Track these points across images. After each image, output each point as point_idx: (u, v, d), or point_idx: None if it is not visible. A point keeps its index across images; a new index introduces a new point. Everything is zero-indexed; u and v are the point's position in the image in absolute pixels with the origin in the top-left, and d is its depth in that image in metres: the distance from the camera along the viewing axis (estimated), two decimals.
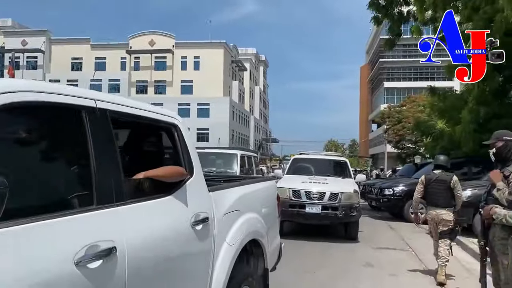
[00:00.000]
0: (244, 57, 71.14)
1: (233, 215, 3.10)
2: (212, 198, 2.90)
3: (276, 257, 4.20)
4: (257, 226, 3.47)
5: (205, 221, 2.69)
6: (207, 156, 11.69)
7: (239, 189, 3.45)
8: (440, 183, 6.19)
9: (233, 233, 3.02)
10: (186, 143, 2.83)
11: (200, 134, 56.82)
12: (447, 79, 20.82)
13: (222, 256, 2.86)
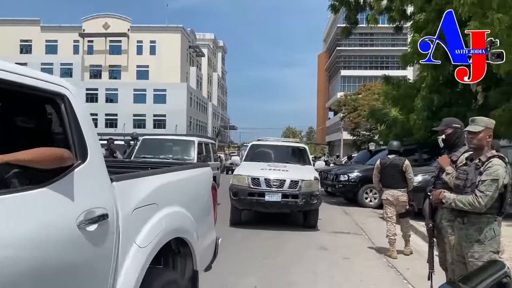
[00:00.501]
0: (202, 43, 70.23)
1: (147, 210, 2.54)
2: (116, 190, 2.30)
3: (211, 255, 3.77)
4: (182, 222, 2.94)
5: (102, 220, 2.10)
6: (164, 143, 11.55)
7: (156, 178, 2.84)
8: (394, 167, 6.93)
9: (146, 232, 2.46)
10: (77, 118, 2.19)
11: (156, 120, 55.92)
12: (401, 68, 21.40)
13: (130, 261, 2.31)
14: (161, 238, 2.59)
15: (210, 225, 3.72)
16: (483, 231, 3.35)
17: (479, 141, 3.41)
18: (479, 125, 3.42)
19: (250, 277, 5.36)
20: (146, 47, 57.79)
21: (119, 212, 2.28)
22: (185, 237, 2.94)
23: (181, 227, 2.92)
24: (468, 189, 3.40)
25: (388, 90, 16.54)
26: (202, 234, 3.29)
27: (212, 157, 12.29)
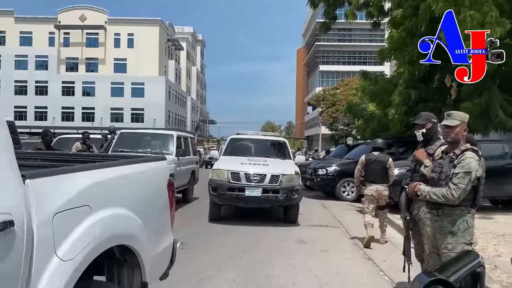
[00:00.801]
0: (180, 36, 69.55)
1: (75, 214, 2.08)
2: (29, 190, 1.87)
3: (167, 261, 3.28)
4: (126, 227, 2.51)
5: (5, 228, 1.69)
6: (142, 137, 11.42)
7: (89, 174, 2.35)
8: (379, 163, 7.33)
9: (72, 241, 2.02)
10: None
11: (134, 114, 55.24)
12: (378, 63, 21.64)
13: (48, 279, 1.87)
14: (95, 247, 2.14)
15: (165, 228, 3.24)
16: (457, 223, 3.43)
17: (455, 135, 3.48)
18: (455, 119, 3.49)
19: (229, 270, 5.37)
20: (123, 40, 56.87)
21: (33, 218, 1.85)
22: (130, 244, 2.49)
23: (124, 232, 2.48)
24: (443, 181, 3.48)
25: (366, 85, 16.70)
26: (154, 239, 2.88)
27: (191, 151, 12.22)
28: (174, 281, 4.87)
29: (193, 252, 6.25)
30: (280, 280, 5.07)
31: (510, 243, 6.62)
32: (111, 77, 55.38)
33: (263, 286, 4.82)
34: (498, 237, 7.11)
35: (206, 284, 4.83)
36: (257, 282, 4.95)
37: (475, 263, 1.31)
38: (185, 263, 5.66)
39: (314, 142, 63.34)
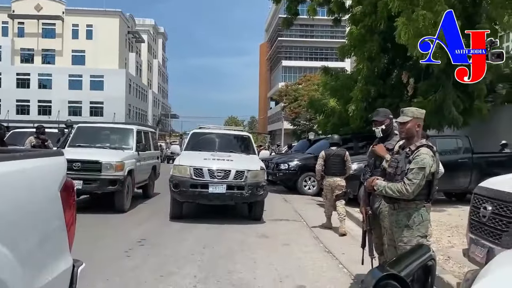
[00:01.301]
0: (141, 28, 68.13)
1: None
2: None
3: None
4: None
5: None
6: (100, 131, 11.10)
7: None
8: (337, 157, 8.07)
9: None
10: None
11: (93, 108, 53.74)
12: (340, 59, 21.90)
13: None
14: None
15: (57, 250, 2.44)
16: (412, 217, 3.54)
17: (407, 130, 3.59)
18: (407, 116, 3.60)
19: (190, 266, 5.33)
20: (82, 31, 55.08)
21: None
22: None
23: None
24: (398, 176, 3.57)
25: (327, 81, 16.94)
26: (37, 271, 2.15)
27: (152, 146, 12.02)
28: (133, 279, 4.81)
29: (153, 249, 6.16)
30: (241, 274, 5.07)
31: (462, 235, 6.87)
32: (69, 69, 53.54)
33: (224, 281, 4.80)
34: (452, 228, 7.39)
35: (166, 280, 4.77)
36: (218, 277, 4.93)
37: (427, 256, 1.35)
38: (144, 260, 5.58)
39: (277, 137, 63.80)
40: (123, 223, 8.13)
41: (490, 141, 13.26)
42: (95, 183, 8.79)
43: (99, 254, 5.80)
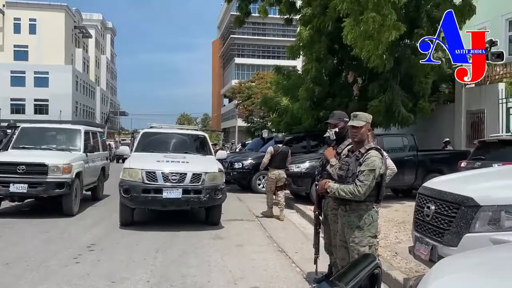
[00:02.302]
0: (88, 23, 65.84)
1: None
2: None
3: None
4: None
5: None
6: (46, 132, 10.66)
7: None
8: (282, 153, 9.25)
9: None
10: None
11: (38, 106, 51.41)
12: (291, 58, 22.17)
13: None
14: None
15: None
16: (363, 218, 3.66)
17: (361, 135, 3.71)
18: (361, 120, 3.71)
19: (142, 272, 5.23)
20: (24, 26, 52.50)
21: None
22: None
23: None
24: (349, 179, 3.68)
25: (279, 79, 17.14)
26: None
27: (100, 146, 11.67)
28: (83, 285, 4.67)
29: (103, 255, 6.00)
30: (195, 278, 5.05)
31: (409, 230, 7.15)
32: (11, 65, 50.81)
33: (178, 285, 4.77)
34: (399, 224, 7.68)
35: (119, 287, 4.67)
36: (171, 281, 4.88)
37: (373, 265, 1.40)
38: (95, 266, 5.43)
39: (231, 135, 63.72)
40: (72, 227, 7.85)
41: (434, 139, 13.91)
42: (41, 187, 8.45)
43: (47, 260, 5.59)
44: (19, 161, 8.51)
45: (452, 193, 3.53)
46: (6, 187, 8.34)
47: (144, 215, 8.70)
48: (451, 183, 3.91)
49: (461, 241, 3.29)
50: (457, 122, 13.78)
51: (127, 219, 7.92)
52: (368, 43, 9.59)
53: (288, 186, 9.89)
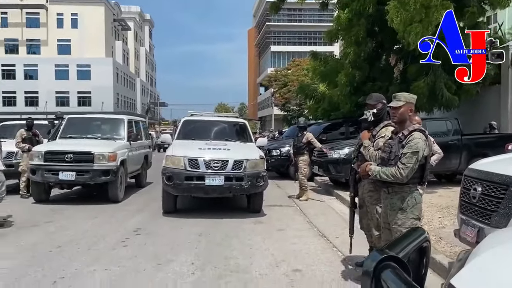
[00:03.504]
0: (127, 16, 67.26)
1: None
2: None
3: None
4: None
5: None
6: (91, 122, 11.06)
7: None
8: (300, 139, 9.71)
9: None
10: None
11: (81, 98, 53.21)
12: (328, 44, 21.85)
13: None
14: None
15: None
16: (406, 200, 3.62)
17: (400, 115, 3.65)
18: (400, 100, 3.65)
19: (187, 254, 5.39)
20: (67, 20, 54.26)
21: None
22: None
23: None
24: (392, 161, 3.64)
25: (316, 66, 16.95)
26: None
27: (143, 135, 12.00)
28: (131, 268, 4.87)
29: (149, 238, 6.22)
30: (237, 260, 5.16)
31: (453, 215, 7.03)
32: (54, 59, 52.77)
33: (222, 268, 4.88)
34: (442, 209, 7.54)
35: (165, 268, 4.83)
36: (215, 264, 5.01)
37: (422, 238, 1.41)
38: (141, 249, 5.64)
39: (267, 123, 63.75)
40: (118, 213, 8.16)
41: (478, 123, 13.44)
42: (88, 174, 8.79)
43: (96, 243, 5.86)
44: (67, 150, 8.88)
45: (500, 174, 3.44)
46: (55, 175, 8.73)
47: (186, 203, 8.86)
48: (499, 164, 3.80)
49: (510, 222, 3.21)
50: (504, 104, 13.24)
51: (170, 207, 8.04)
52: (416, 26, 9.30)
53: (327, 172, 10.77)
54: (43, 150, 8.92)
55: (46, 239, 6.12)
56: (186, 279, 4.51)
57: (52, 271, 4.69)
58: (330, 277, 4.60)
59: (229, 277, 4.56)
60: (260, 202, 8.27)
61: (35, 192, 9.16)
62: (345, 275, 4.68)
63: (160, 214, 8.02)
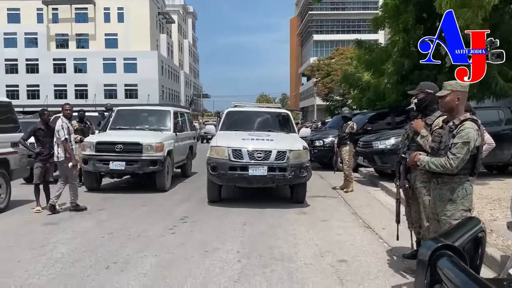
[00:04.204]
0: (171, 9, 68.41)
1: None
2: None
3: None
4: None
5: None
6: (139, 114, 11.42)
7: None
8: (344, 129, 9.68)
9: None
10: None
11: (128, 90, 54.79)
12: (373, 32, 21.33)
13: None
14: None
15: None
16: (456, 191, 3.52)
17: (446, 104, 3.57)
18: (446, 89, 3.57)
19: (232, 242, 5.50)
20: (113, 15, 55.85)
21: None
22: None
23: None
24: (442, 151, 3.55)
25: (361, 54, 16.61)
26: None
27: (188, 126, 12.25)
28: (180, 254, 5.03)
29: (196, 226, 6.38)
30: (282, 250, 5.21)
31: (504, 208, 6.77)
32: (102, 53, 54.58)
33: (267, 256, 4.95)
34: (493, 202, 7.26)
35: (211, 256, 4.95)
36: (260, 252, 5.08)
37: (477, 228, 1.39)
38: (189, 237, 5.80)
39: (309, 113, 63.32)
40: (165, 201, 8.40)
41: None
42: (136, 164, 9.09)
43: (146, 230, 6.08)
44: (117, 141, 9.21)
45: None
46: (106, 164, 9.08)
47: (230, 193, 9.00)
48: None
49: None
50: None
51: (215, 196, 8.21)
52: (466, 11, 8.96)
53: (372, 162, 10.69)
54: (95, 141, 9.29)
55: (98, 226, 6.40)
56: (233, 266, 4.61)
57: (105, 256, 4.92)
58: (376, 269, 4.56)
59: (275, 266, 4.62)
60: (303, 192, 8.28)
61: (87, 181, 9.57)
62: (392, 266, 4.62)
63: (206, 203, 8.19)
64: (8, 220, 6.81)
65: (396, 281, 4.21)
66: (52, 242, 5.46)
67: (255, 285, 4.09)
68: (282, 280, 4.22)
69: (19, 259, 4.81)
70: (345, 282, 4.19)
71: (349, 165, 9.68)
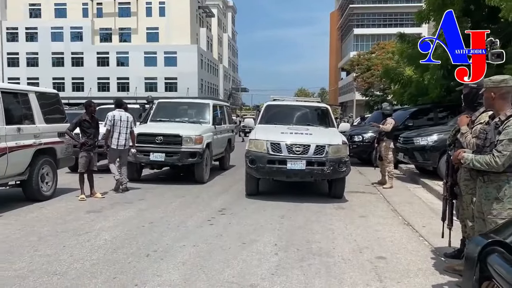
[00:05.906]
0: (211, 3, 68.90)
1: None
2: None
3: None
4: None
5: None
6: (179, 106, 11.61)
7: None
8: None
9: None
10: None
11: (168, 83, 55.78)
12: (416, 25, 20.70)
13: None
14: None
15: None
16: (502, 189, 3.39)
17: (484, 101, 3.57)
18: (484, 87, 3.52)
19: (270, 235, 5.52)
20: (155, 9, 56.89)
21: None
22: None
23: None
24: (487, 148, 3.43)
25: (404, 48, 16.18)
26: None
27: (227, 119, 12.34)
28: (218, 245, 5.10)
29: (233, 218, 6.44)
30: (320, 244, 5.18)
31: None
32: (144, 47, 55.81)
33: (304, 250, 4.94)
34: None
35: (249, 247, 4.99)
36: (297, 246, 5.08)
37: None
38: (226, 228, 5.87)
39: (348, 109, 62.43)
40: (204, 193, 8.52)
41: None
42: (176, 156, 9.25)
43: (184, 221, 6.20)
44: (157, 133, 9.41)
45: None
46: (147, 155, 9.29)
47: (268, 186, 9.01)
48: None
49: None
50: None
51: (253, 189, 8.24)
52: None
53: (412, 159, 10.42)
54: (136, 133, 9.52)
55: (139, 215, 6.58)
56: (270, 259, 4.63)
57: (145, 244, 5.06)
58: (416, 267, 4.47)
59: (312, 260, 4.61)
60: (342, 187, 8.20)
61: (128, 172, 9.81)
62: (433, 265, 4.52)
63: (243, 195, 8.25)
64: (55, 206, 7.10)
65: (436, 280, 4.12)
66: (96, 230, 5.66)
67: (292, 278, 4.09)
68: (320, 274, 4.21)
69: (64, 244, 5.02)
70: (383, 279, 4.13)
71: (389, 161, 9.49)
